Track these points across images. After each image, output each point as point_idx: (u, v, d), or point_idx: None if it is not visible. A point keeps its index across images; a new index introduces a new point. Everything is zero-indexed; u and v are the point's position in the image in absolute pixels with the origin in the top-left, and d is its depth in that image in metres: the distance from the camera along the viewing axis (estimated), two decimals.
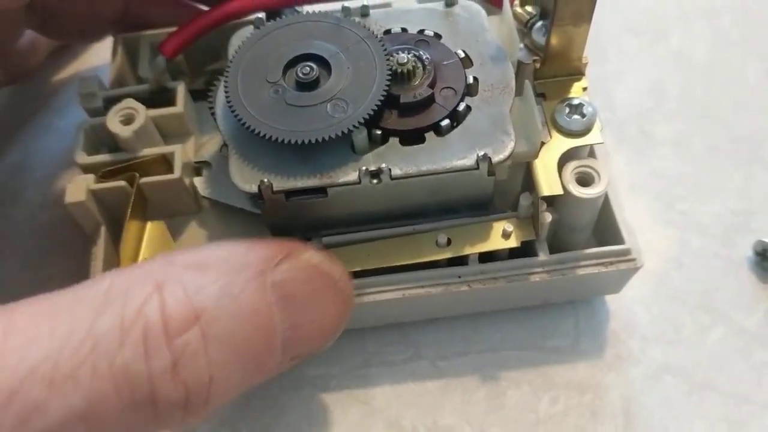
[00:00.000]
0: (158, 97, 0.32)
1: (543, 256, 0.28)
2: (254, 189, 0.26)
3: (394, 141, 0.27)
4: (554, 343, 0.31)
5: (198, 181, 0.31)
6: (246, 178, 0.26)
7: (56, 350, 0.19)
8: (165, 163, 0.30)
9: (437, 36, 0.29)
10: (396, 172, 0.26)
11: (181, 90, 0.31)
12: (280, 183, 0.26)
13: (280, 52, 0.27)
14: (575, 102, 0.28)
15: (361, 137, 0.26)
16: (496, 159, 0.26)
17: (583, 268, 0.28)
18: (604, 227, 0.29)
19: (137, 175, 0.29)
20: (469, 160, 0.26)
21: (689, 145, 0.36)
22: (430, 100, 0.27)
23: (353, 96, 0.26)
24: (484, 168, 0.26)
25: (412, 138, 0.27)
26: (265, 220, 0.28)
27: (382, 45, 0.27)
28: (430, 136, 0.27)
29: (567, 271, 0.28)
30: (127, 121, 0.30)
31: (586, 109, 0.27)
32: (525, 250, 0.29)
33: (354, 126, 0.26)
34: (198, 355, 0.21)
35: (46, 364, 0.19)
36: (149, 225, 0.30)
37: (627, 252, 0.28)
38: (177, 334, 0.21)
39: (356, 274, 0.28)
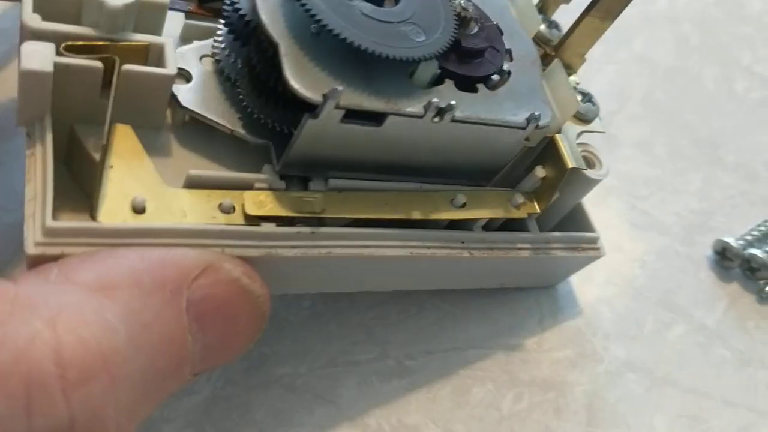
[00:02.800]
0: None
1: (534, 233, 0.29)
2: (317, 97, 0.22)
3: (450, 84, 0.25)
4: (519, 340, 0.31)
5: (180, 90, 0.25)
6: (308, 84, 0.22)
7: None
8: (144, 57, 0.24)
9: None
10: (458, 114, 0.25)
11: None
12: (348, 98, 0.23)
13: None
14: (586, 91, 0.29)
15: (429, 69, 0.24)
16: (542, 122, 0.26)
17: (562, 251, 0.29)
18: (577, 217, 0.31)
19: (117, 59, 0.23)
20: (520, 117, 0.26)
21: (652, 147, 0.38)
22: (482, 53, 0.26)
23: (426, 24, 0.24)
24: (531, 128, 0.26)
25: (466, 85, 0.26)
26: (293, 149, 0.24)
27: None
28: (481, 88, 0.26)
29: (549, 250, 0.29)
30: None
31: (594, 99, 0.29)
32: (508, 225, 0.29)
33: (432, 54, 0.24)
34: (103, 407, 0.17)
35: None
36: (118, 127, 0.24)
37: (596, 240, 0.30)
38: (77, 386, 0.17)
39: (362, 225, 0.26)
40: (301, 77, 0.22)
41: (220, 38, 0.26)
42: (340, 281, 0.28)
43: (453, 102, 0.24)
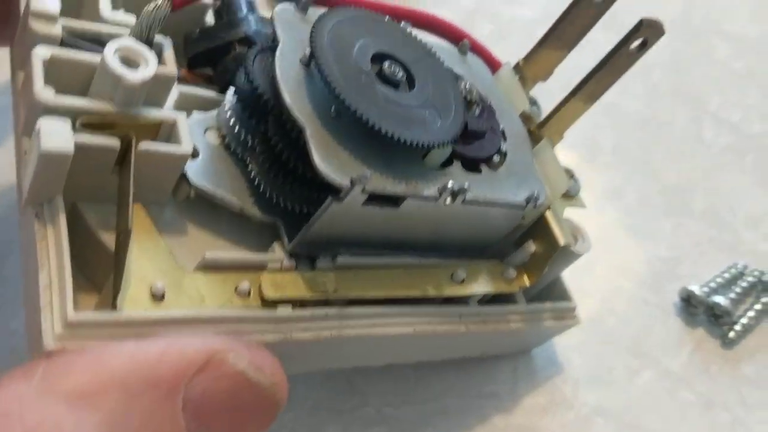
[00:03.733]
0: None
1: (522, 305, 0.30)
2: (345, 182, 0.22)
3: (457, 164, 0.26)
4: (493, 389, 0.32)
5: (189, 167, 0.24)
6: (335, 168, 0.22)
7: None
8: (155, 132, 0.23)
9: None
10: (470, 195, 0.25)
11: (168, 47, 0.25)
12: (374, 181, 0.23)
13: (363, 44, 0.25)
14: (567, 168, 0.31)
15: (443, 152, 0.25)
16: (540, 201, 0.27)
17: (546, 321, 0.31)
18: (556, 285, 0.32)
19: (134, 136, 0.22)
20: (520, 197, 0.27)
21: (622, 196, 0.38)
22: (483, 134, 0.27)
23: (441, 108, 0.25)
24: (530, 207, 0.27)
25: (470, 166, 0.26)
26: (312, 230, 0.24)
27: (445, 65, 0.27)
28: (484, 167, 0.27)
29: (535, 321, 0.30)
30: (130, 62, 0.22)
31: (575, 176, 0.31)
32: (496, 297, 0.30)
33: (455, 136, 0.24)
34: None
35: None
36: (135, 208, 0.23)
37: (573, 309, 0.32)
38: None
39: (366, 303, 0.26)
40: (328, 161, 0.22)
41: (226, 112, 0.25)
42: (341, 359, 0.28)
43: (466, 185, 0.25)
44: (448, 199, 0.25)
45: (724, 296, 0.36)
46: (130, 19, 0.25)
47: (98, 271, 0.22)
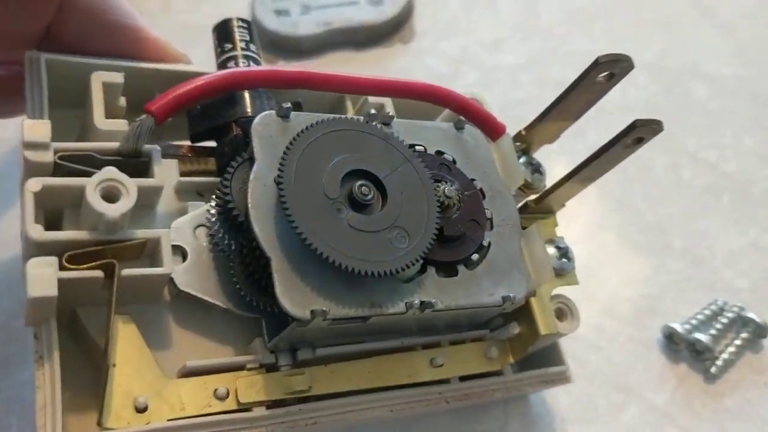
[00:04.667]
0: (126, 161, 0.26)
1: (507, 375, 0.31)
2: (306, 316, 0.24)
3: (431, 271, 0.27)
4: (485, 427, 0.34)
5: (176, 271, 0.26)
6: (297, 302, 0.24)
7: None
8: (141, 248, 0.25)
9: (453, 161, 0.29)
10: (439, 305, 0.26)
11: (157, 156, 0.27)
12: (335, 311, 0.24)
13: (333, 163, 0.25)
14: (562, 245, 0.31)
15: (414, 269, 0.26)
16: (518, 299, 0.28)
17: (534, 386, 0.32)
18: (550, 349, 0.33)
19: (116, 263, 0.24)
20: (496, 298, 0.27)
21: (604, 234, 0.40)
22: (464, 234, 0.28)
23: (410, 225, 0.26)
24: (508, 306, 0.28)
25: (446, 269, 0.27)
26: (285, 337, 0.25)
27: (426, 169, 0.27)
28: (461, 269, 0.27)
29: (522, 387, 0.31)
30: (110, 197, 0.24)
31: (570, 254, 0.31)
32: None
33: (415, 260, 0.25)
34: None
35: None
36: (119, 321, 0.25)
37: (565, 372, 0.32)
38: None
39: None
40: (290, 295, 0.24)
41: (213, 215, 0.27)
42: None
43: (432, 300, 0.26)
44: (417, 312, 0.26)
45: (704, 333, 0.37)
46: (123, 126, 0.27)
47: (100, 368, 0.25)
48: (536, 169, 0.32)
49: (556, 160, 0.42)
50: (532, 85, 0.46)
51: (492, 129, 0.31)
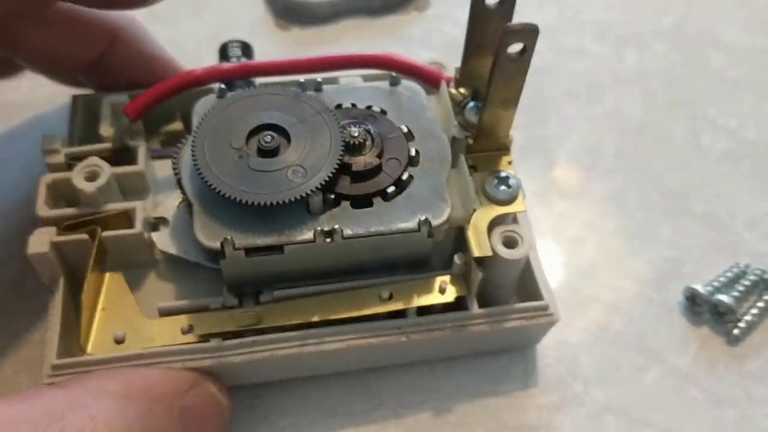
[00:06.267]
0: (119, 156, 0.34)
1: (474, 309, 0.32)
2: (217, 245, 0.28)
3: (345, 204, 0.30)
4: (506, 388, 0.34)
5: (156, 236, 0.33)
6: (209, 235, 0.29)
7: None
8: (125, 218, 0.32)
9: (383, 112, 0.32)
10: (347, 232, 0.29)
11: (141, 149, 0.34)
12: (242, 240, 0.29)
13: (244, 121, 0.30)
14: (502, 174, 0.31)
15: (316, 200, 0.29)
16: (435, 223, 0.29)
17: (510, 321, 0.32)
18: (527, 285, 0.33)
19: (99, 228, 0.31)
20: (412, 223, 0.29)
21: (624, 199, 0.40)
22: (378, 169, 0.30)
23: (311, 163, 0.29)
24: (424, 230, 0.29)
25: (362, 202, 0.30)
26: (225, 275, 0.30)
27: (336, 118, 0.31)
28: (377, 201, 0.30)
29: (495, 323, 0.32)
30: (92, 177, 0.32)
31: (512, 182, 0.31)
32: (457, 304, 0.32)
33: (311, 191, 0.29)
34: None
35: None
36: (107, 276, 0.32)
37: (545, 307, 0.32)
38: None
39: (303, 326, 0.31)
40: (204, 231, 0.29)
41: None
42: (298, 369, 0.33)
43: (337, 226, 0.29)
44: (327, 239, 0.29)
45: (727, 294, 0.35)
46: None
47: None
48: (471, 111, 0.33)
49: (575, 125, 0.42)
50: (550, 52, 0.47)
51: (432, 82, 0.34)
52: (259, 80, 0.36)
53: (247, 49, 0.39)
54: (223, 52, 0.39)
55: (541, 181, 0.41)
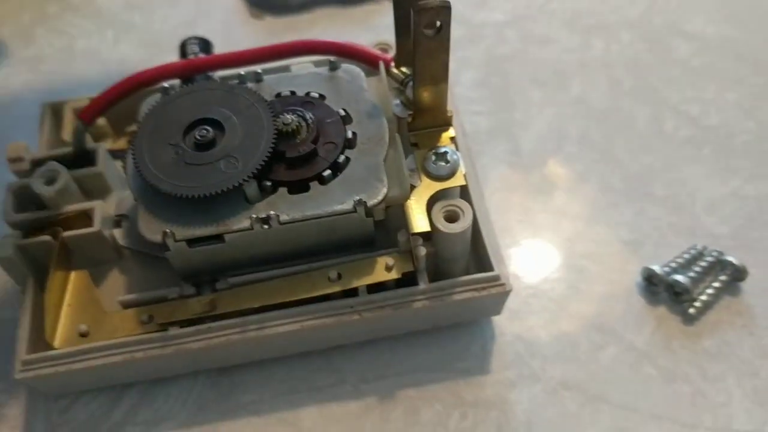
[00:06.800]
0: (82, 158, 0.35)
1: (423, 284, 0.32)
2: (159, 238, 0.30)
3: (282, 191, 0.31)
4: (464, 364, 0.35)
5: (117, 233, 0.34)
6: (152, 230, 0.30)
7: None
8: (86, 217, 0.34)
9: (322, 97, 0.33)
10: (284, 217, 0.30)
11: (101, 151, 0.35)
12: (182, 232, 0.30)
13: (181, 117, 0.31)
14: (441, 150, 0.32)
15: (251, 188, 0.30)
16: (370, 203, 0.30)
17: (459, 294, 0.32)
18: (479, 257, 0.33)
19: (60, 229, 0.33)
20: (348, 205, 0.30)
21: (586, 185, 0.40)
22: (313, 154, 0.31)
23: (244, 153, 0.30)
24: (361, 211, 0.30)
25: (299, 187, 0.31)
26: (174, 266, 0.31)
27: (270, 108, 0.31)
28: (314, 185, 0.31)
29: (446, 297, 0.32)
30: (50, 181, 0.33)
31: (451, 157, 0.32)
32: (411, 281, 0.32)
33: (244, 179, 0.29)
34: None
35: None
36: (73, 274, 0.34)
37: (497, 278, 0.32)
38: None
39: (258, 310, 0.32)
40: (147, 226, 0.30)
41: None
42: (261, 352, 0.34)
43: (272, 212, 0.30)
44: (264, 226, 0.30)
45: (683, 275, 0.35)
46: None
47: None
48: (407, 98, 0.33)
49: (541, 111, 0.42)
50: (518, 41, 0.47)
51: (370, 63, 0.34)
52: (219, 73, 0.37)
53: (206, 46, 0.40)
54: (183, 50, 0.40)
55: (504, 165, 0.41)
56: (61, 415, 0.34)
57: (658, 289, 0.36)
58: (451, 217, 0.31)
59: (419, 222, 0.31)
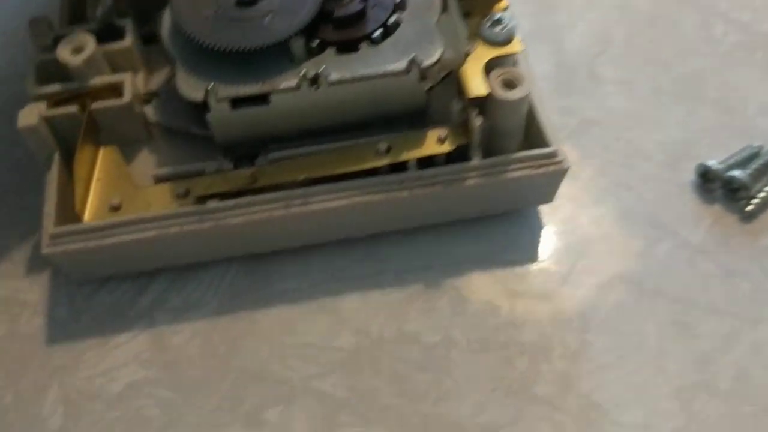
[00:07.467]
0: (108, 36, 0.33)
1: (476, 160, 0.30)
2: (200, 96, 0.28)
3: (330, 51, 0.29)
4: (513, 256, 0.33)
5: (148, 109, 0.32)
6: (192, 87, 0.28)
7: None
8: (115, 91, 0.32)
9: None
10: (333, 76, 0.28)
11: (129, 26, 0.33)
12: (225, 90, 0.28)
13: None
14: (496, 17, 0.30)
15: (298, 46, 0.28)
16: (425, 63, 0.28)
17: (514, 171, 0.30)
18: (533, 134, 0.31)
19: (89, 101, 0.31)
20: (401, 64, 0.28)
21: (634, 85, 0.38)
22: (361, 14, 0.29)
23: (290, 10, 0.28)
24: (414, 72, 0.28)
25: (348, 48, 0.29)
26: (215, 133, 0.29)
27: None
28: (364, 46, 0.29)
29: (499, 174, 0.30)
30: (77, 50, 0.31)
31: (507, 22, 0.30)
32: (462, 157, 0.31)
33: (290, 35, 0.28)
34: None
35: None
36: (102, 150, 0.32)
37: (554, 154, 0.30)
38: None
39: (302, 185, 0.30)
40: (187, 83, 0.28)
41: None
42: (300, 235, 0.32)
43: (321, 69, 0.28)
44: (313, 86, 0.28)
45: (741, 171, 0.34)
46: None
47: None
48: None
49: (584, 14, 0.41)
50: None
51: None
52: None
53: None
54: None
55: (550, 65, 0.39)
56: (85, 300, 0.32)
57: (714, 186, 0.34)
58: (509, 84, 0.29)
59: (476, 86, 0.29)
